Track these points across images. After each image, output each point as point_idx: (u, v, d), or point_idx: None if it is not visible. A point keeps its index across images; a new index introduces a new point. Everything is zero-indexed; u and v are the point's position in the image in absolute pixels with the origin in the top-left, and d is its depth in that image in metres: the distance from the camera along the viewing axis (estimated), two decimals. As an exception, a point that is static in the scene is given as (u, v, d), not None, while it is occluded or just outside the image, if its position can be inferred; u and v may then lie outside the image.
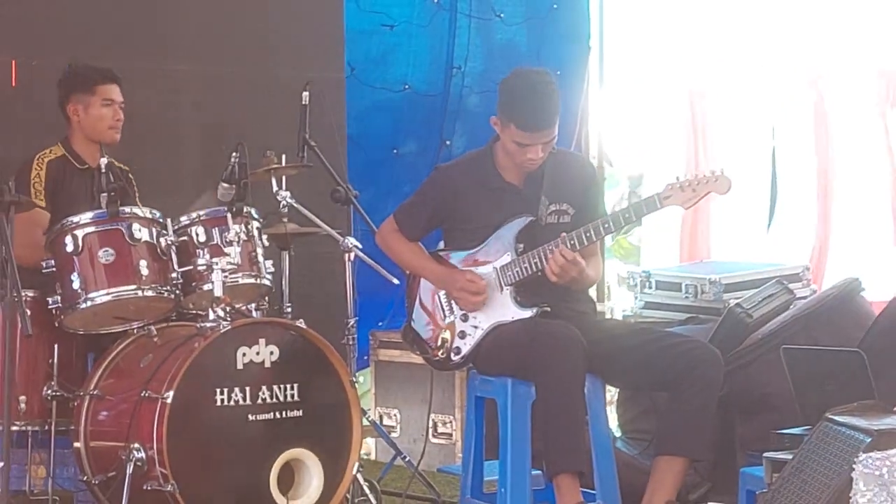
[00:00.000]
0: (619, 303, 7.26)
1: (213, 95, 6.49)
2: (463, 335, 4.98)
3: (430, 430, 6.27)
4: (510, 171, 5.03)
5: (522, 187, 5.02)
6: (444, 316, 5.04)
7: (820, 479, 3.65)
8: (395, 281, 5.53)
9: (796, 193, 7.92)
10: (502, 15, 7.35)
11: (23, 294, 4.85)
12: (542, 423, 4.70)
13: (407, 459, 5.63)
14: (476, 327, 4.97)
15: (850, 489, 3.39)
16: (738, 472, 4.53)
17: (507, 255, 4.97)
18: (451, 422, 6.27)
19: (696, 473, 4.84)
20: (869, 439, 3.53)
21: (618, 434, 5.68)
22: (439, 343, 5.03)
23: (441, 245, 5.21)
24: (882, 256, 7.80)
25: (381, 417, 6.47)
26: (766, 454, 4.18)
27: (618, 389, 5.57)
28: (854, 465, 3.38)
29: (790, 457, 3.97)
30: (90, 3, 6.19)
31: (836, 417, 3.79)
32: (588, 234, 4.84)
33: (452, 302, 5.02)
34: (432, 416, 6.27)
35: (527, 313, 4.91)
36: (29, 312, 4.83)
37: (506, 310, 4.94)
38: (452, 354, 5.00)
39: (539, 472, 4.80)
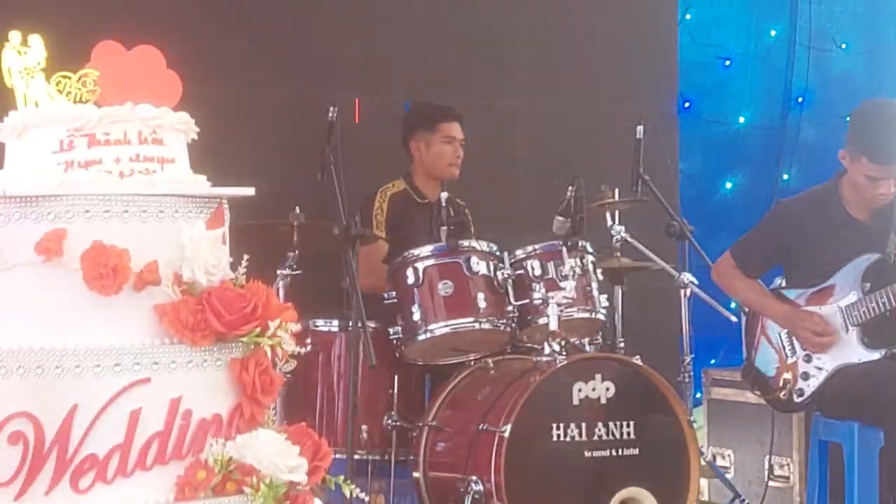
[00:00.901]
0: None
1: (547, 129, 6.53)
2: (806, 376, 4.84)
3: (767, 473, 6.08)
4: (857, 206, 4.86)
5: (870, 223, 4.84)
6: (787, 356, 4.90)
7: None
8: (734, 318, 5.40)
9: None
10: (843, 46, 7.14)
11: (366, 325, 4.98)
12: (892, 470, 4.51)
13: (745, 502, 5.48)
14: (820, 368, 4.81)
15: None
16: None
17: (854, 293, 4.80)
18: (788, 464, 6.06)
19: None
20: None
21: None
22: (781, 383, 4.89)
23: (781, 282, 5.07)
24: None
25: (714, 457, 6.32)
26: None
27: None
28: None
29: None
30: (427, 42, 6.33)
31: None
32: (942, 273, 4.64)
33: (795, 341, 4.87)
34: (769, 458, 6.09)
35: (875, 355, 4.74)
36: (371, 343, 4.96)
37: (852, 351, 4.77)
38: (795, 395, 4.86)
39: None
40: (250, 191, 2.93)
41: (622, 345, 5.50)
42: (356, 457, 5.02)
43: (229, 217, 3.02)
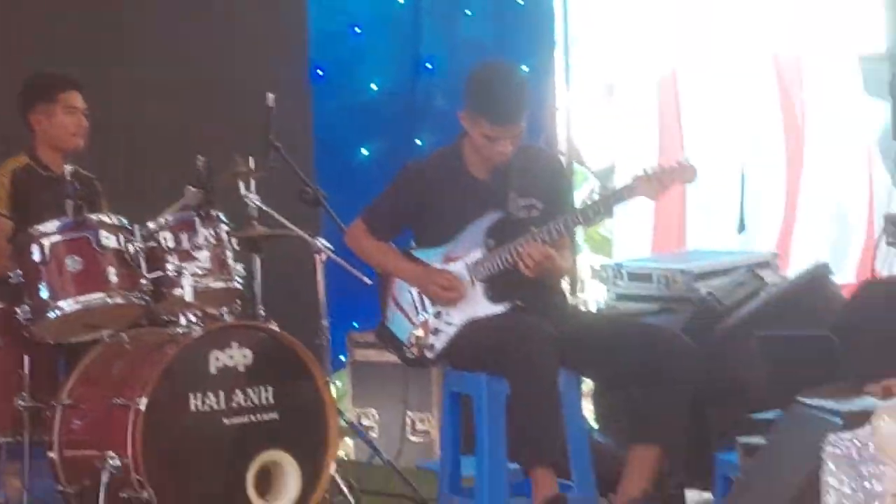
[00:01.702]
0: (591, 295, 7.22)
1: (178, 100, 6.43)
2: (436, 332, 4.98)
3: (409, 429, 6.25)
4: (478, 166, 5.03)
5: (491, 183, 5.02)
6: (418, 313, 5.03)
7: (792, 461, 3.65)
8: (368, 281, 5.51)
9: (765, 180, 7.91)
10: (468, 11, 7.32)
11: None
12: (516, 418, 4.70)
13: (386, 458, 5.61)
14: (449, 323, 4.97)
15: (821, 470, 3.39)
16: (713, 458, 4.53)
17: (478, 250, 4.97)
18: (428, 419, 6.26)
19: (670, 461, 4.84)
20: (840, 420, 3.53)
21: (595, 425, 5.67)
22: (413, 340, 5.03)
23: (412, 243, 5.20)
24: (848, 240, 7.85)
25: (359, 418, 6.45)
26: (739, 439, 4.19)
27: (594, 381, 5.56)
28: (824, 447, 3.38)
29: (763, 441, 3.98)
30: (51, 12, 6.14)
31: (807, 400, 3.80)
32: (558, 228, 4.84)
33: (425, 299, 5.01)
34: (410, 414, 6.27)
35: (499, 308, 4.92)
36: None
37: (478, 305, 4.95)
38: (426, 351, 5.01)
39: (516, 465, 4.79)
40: None
41: (262, 312, 5.53)
42: (-12, 440, 4.89)
43: None
